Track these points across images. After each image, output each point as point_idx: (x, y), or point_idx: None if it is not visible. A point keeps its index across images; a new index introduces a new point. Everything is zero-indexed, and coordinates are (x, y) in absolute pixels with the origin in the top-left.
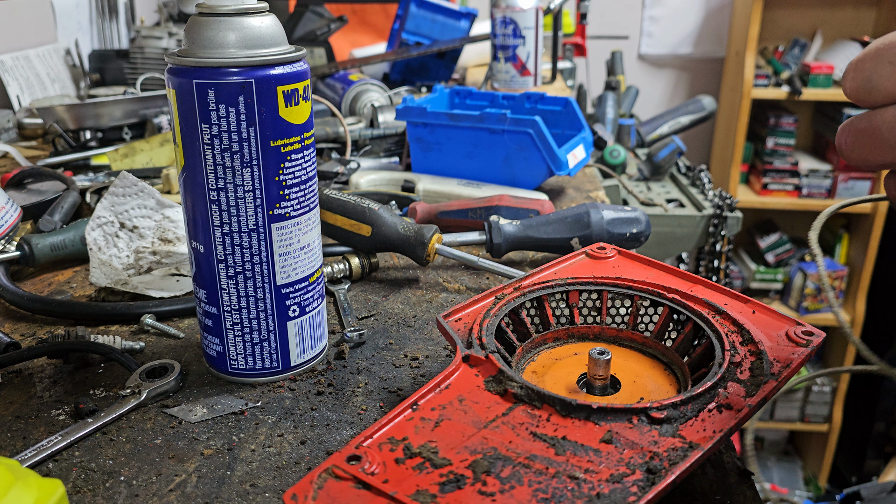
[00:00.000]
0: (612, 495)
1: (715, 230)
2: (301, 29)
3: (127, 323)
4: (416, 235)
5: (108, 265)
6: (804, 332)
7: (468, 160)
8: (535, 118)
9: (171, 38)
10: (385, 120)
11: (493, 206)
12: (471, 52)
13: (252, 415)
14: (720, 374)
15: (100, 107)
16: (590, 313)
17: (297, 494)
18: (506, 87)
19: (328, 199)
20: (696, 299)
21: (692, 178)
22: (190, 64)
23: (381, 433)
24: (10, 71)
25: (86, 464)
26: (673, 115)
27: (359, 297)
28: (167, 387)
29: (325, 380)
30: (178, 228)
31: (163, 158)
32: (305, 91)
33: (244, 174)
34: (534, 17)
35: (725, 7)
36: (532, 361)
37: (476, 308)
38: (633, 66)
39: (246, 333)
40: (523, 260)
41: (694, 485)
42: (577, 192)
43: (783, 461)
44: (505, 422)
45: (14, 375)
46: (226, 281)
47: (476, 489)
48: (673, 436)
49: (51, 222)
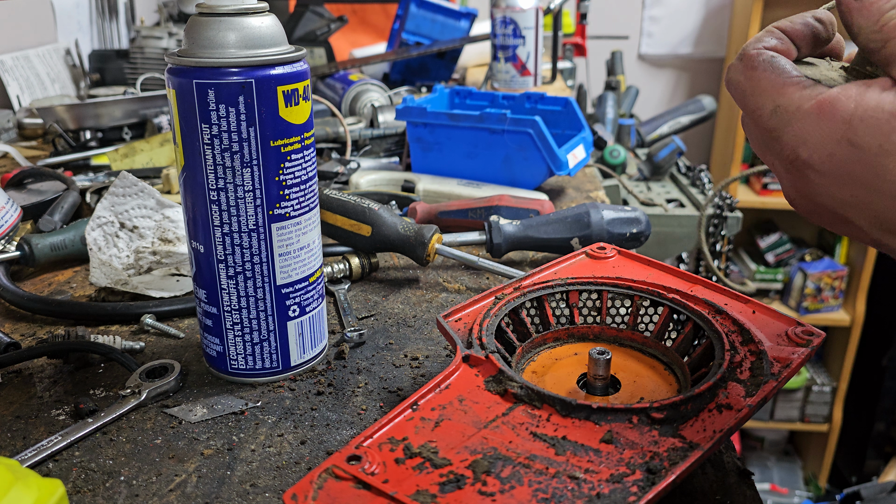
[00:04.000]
0: (612, 495)
1: (715, 230)
2: (301, 29)
3: (127, 323)
4: (416, 235)
5: (108, 265)
6: (804, 332)
7: (468, 160)
8: (535, 118)
9: (171, 38)
10: (385, 120)
11: (493, 206)
12: (471, 52)
13: (252, 415)
14: (720, 374)
15: (100, 107)
16: (590, 313)
17: (297, 494)
18: (506, 87)
19: (328, 199)
20: (696, 299)
21: (692, 178)
22: (190, 64)
23: (381, 433)
24: (10, 71)
25: (86, 464)
26: (673, 115)
27: (359, 297)
28: (167, 387)
29: (325, 380)
30: (178, 228)
31: (163, 158)
32: (305, 91)
33: (244, 174)
34: (534, 17)
35: (725, 7)
36: (532, 361)
37: (476, 308)
38: (633, 66)
39: (246, 333)
40: (523, 260)
41: (694, 485)
42: (577, 192)
43: (783, 461)
44: (505, 422)
45: (14, 375)
46: (226, 281)
47: (476, 489)
48: (673, 436)
49: (51, 222)
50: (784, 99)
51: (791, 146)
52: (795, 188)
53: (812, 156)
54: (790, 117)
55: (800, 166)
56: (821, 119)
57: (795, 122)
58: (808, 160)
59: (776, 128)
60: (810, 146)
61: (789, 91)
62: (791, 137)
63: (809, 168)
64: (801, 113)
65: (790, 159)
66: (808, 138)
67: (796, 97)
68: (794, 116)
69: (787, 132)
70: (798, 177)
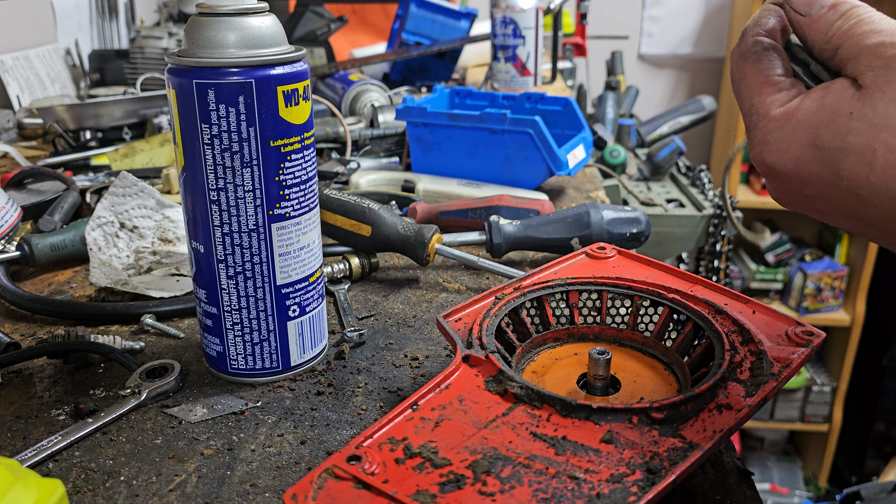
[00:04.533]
0: (612, 495)
1: (715, 230)
2: (301, 29)
3: (127, 323)
4: (416, 235)
5: (108, 265)
6: (804, 332)
7: (468, 160)
8: (535, 118)
9: (171, 38)
10: (385, 120)
11: (493, 206)
12: (471, 52)
13: (252, 415)
14: (720, 374)
15: (100, 107)
16: (590, 313)
17: (297, 494)
18: (506, 87)
19: (328, 199)
20: (696, 299)
21: (692, 178)
22: (190, 64)
23: (381, 433)
24: (10, 71)
25: (86, 464)
26: (673, 115)
27: (359, 297)
28: (167, 387)
29: (325, 380)
30: (178, 228)
31: (163, 158)
32: (305, 91)
33: (244, 174)
34: (534, 17)
35: (725, 7)
36: (532, 361)
37: (476, 308)
38: (633, 66)
39: (246, 333)
40: (523, 260)
41: (694, 485)
42: (577, 192)
43: (783, 461)
44: (505, 422)
45: (14, 375)
46: (226, 281)
47: (476, 489)
48: (673, 436)
49: (51, 222)
50: (758, 98)
51: (758, 149)
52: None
53: (777, 161)
54: (758, 120)
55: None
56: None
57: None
58: (773, 164)
59: (748, 126)
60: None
61: (765, 91)
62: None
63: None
64: (768, 118)
65: (757, 160)
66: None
67: (768, 100)
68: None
69: (755, 134)
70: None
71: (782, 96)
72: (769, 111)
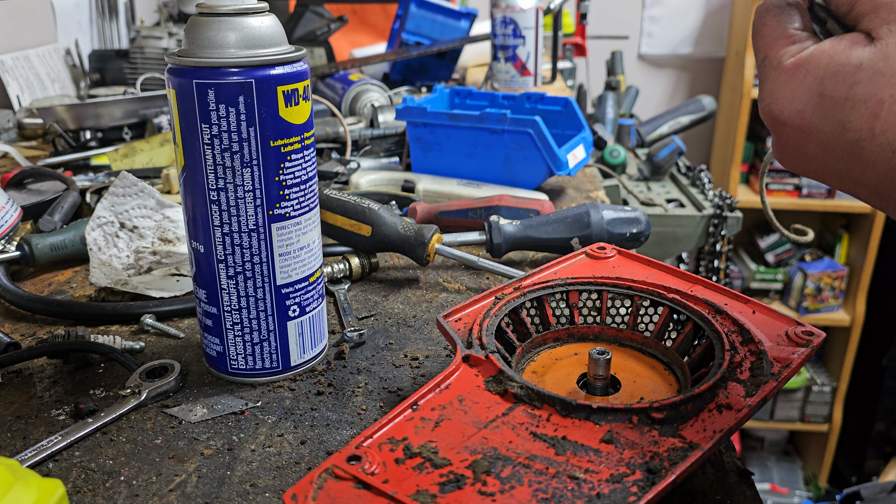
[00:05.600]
0: (612, 495)
1: (715, 230)
2: (301, 29)
3: (127, 323)
4: (416, 235)
5: (108, 265)
6: (804, 332)
7: (468, 160)
8: (535, 118)
9: (171, 38)
10: (385, 120)
11: (493, 206)
12: (471, 52)
13: (252, 415)
14: (720, 374)
15: (100, 107)
16: (590, 313)
17: (297, 494)
18: (506, 87)
19: (328, 199)
20: (696, 299)
21: (692, 178)
22: (190, 64)
23: (381, 433)
24: (10, 71)
25: (86, 464)
26: (673, 115)
27: (359, 297)
28: (167, 387)
29: (325, 380)
30: (178, 228)
31: (163, 158)
32: (305, 91)
33: (244, 174)
34: (534, 17)
35: (725, 7)
36: (532, 361)
37: (476, 308)
38: (633, 66)
39: (246, 333)
40: (523, 260)
41: (694, 485)
42: (577, 192)
43: (783, 461)
44: (505, 422)
45: (14, 375)
46: (226, 281)
47: (476, 489)
48: (673, 436)
49: (51, 222)
50: (772, 51)
51: (766, 101)
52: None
53: (783, 112)
54: (769, 71)
55: (772, 121)
56: (795, 77)
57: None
58: (779, 115)
59: (760, 78)
60: (782, 103)
61: (779, 44)
62: (767, 93)
63: (780, 123)
64: (779, 69)
65: (765, 112)
66: (779, 95)
67: (781, 52)
68: (773, 71)
69: (766, 86)
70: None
71: (795, 48)
72: (781, 62)
